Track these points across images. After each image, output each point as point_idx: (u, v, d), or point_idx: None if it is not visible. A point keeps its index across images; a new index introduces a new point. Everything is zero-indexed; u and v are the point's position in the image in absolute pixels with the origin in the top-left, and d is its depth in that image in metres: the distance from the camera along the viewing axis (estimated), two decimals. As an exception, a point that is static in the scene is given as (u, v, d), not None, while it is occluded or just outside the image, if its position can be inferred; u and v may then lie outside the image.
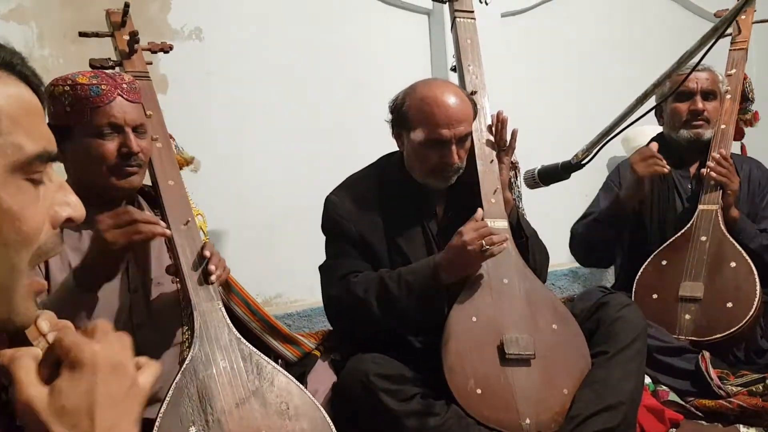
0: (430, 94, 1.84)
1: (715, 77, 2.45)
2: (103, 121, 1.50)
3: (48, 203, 0.67)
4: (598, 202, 2.56)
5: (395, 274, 1.80)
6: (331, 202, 1.94)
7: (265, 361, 1.53)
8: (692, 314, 2.20)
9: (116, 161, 1.52)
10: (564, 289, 3.27)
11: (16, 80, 0.66)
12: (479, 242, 1.71)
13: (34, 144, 0.65)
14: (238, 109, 2.71)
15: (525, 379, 1.69)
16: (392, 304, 1.77)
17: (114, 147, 1.51)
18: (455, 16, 2.04)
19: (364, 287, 1.80)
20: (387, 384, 1.66)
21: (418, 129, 1.84)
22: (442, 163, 1.84)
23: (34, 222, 0.65)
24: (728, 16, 1.63)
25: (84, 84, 1.49)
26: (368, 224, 1.90)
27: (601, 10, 3.60)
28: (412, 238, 1.91)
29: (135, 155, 1.53)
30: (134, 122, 1.54)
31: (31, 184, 0.65)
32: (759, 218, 2.41)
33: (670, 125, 2.49)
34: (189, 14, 2.63)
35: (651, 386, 2.08)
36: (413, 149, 1.88)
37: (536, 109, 3.32)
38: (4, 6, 2.32)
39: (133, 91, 1.56)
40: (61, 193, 0.69)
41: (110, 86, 1.51)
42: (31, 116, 0.66)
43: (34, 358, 0.65)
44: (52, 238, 0.68)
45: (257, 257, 2.66)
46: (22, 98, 0.66)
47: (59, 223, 0.69)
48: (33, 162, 0.65)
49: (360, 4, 3.01)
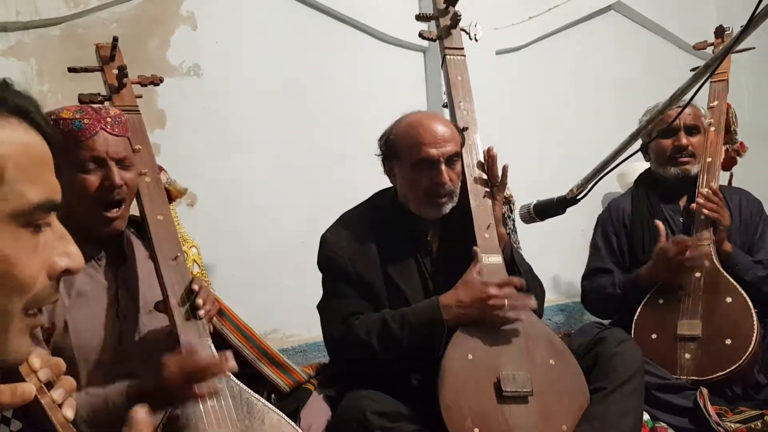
0: (415, 119, 1.91)
1: (698, 112, 2.47)
2: (86, 155, 1.50)
3: (47, 253, 0.67)
4: (601, 255, 2.54)
5: (398, 314, 1.79)
6: (327, 240, 1.94)
7: (255, 398, 1.51)
8: (692, 353, 2.18)
9: (99, 194, 1.51)
10: (560, 325, 3.25)
11: (28, 127, 0.66)
12: (502, 302, 1.73)
13: (38, 193, 0.65)
14: (235, 143, 2.73)
15: (523, 417, 1.67)
16: (393, 344, 1.76)
17: (97, 180, 1.52)
18: (445, 53, 2.07)
19: (366, 329, 1.79)
20: (383, 422, 1.64)
21: (406, 154, 1.87)
22: (434, 185, 1.85)
23: (29, 270, 0.64)
24: (720, 53, 1.66)
25: (67, 119, 1.50)
26: (364, 261, 1.89)
27: (591, 47, 3.66)
28: (407, 273, 1.91)
29: (118, 188, 1.52)
30: (117, 155, 1.53)
31: (31, 231, 0.65)
32: (754, 249, 2.41)
33: (656, 162, 2.51)
34: (187, 51, 2.67)
35: (650, 423, 2.06)
36: (404, 177, 1.90)
37: (530, 145, 3.35)
38: (4, 42, 2.35)
39: (117, 125, 1.56)
40: (61, 243, 0.69)
41: (93, 120, 1.51)
42: (39, 165, 0.66)
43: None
44: (47, 287, 0.67)
45: (253, 291, 2.65)
46: (32, 146, 0.66)
47: (56, 274, 0.68)
48: (34, 211, 0.64)
49: (356, 41, 3.06)
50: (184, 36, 2.67)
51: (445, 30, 2.09)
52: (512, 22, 3.38)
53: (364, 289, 1.88)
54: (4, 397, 0.64)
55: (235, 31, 2.77)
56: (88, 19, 2.50)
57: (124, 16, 2.57)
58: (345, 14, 3.01)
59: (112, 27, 2.52)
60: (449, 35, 2.09)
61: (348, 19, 3.03)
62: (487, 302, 1.72)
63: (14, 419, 0.75)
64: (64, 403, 0.79)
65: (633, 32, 3.82)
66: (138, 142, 1.68)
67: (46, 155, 0.68)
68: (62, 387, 0.80)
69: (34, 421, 0.76)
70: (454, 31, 2.09)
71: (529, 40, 3.47)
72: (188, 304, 1.55)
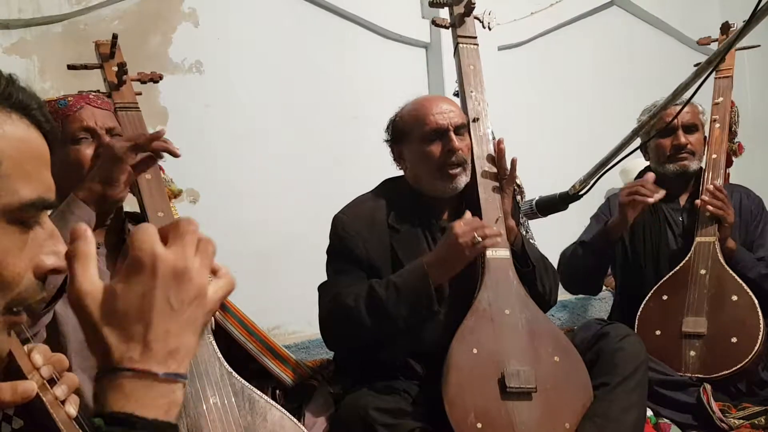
0: (419, 99, 1.96)
1: (696, 109, 2.45)
2: (75, 125, 1.55)
3: (35, 251, 0.66)
4: (589, 229, 2.55)
5: (383, 280, 1.78)
6: (341, 221, 1.92)
7: (258, 395, 1.51)
8: (697, 350, 2.17)
9: (94, 164, 1.53)
10: (564, 321, 3.25)
11: (28, 124, 0.66)
12: (471, 234, 1.70)
13: (31, 190, 0.64)
14: (237, 140, 2.73)
15: (526, 413, 1.67)
16: (381, 309, 1.73)
17: (90, 152, 1.55)
18: (458, 41, 2.05)
19: (353, 296, 1.77)
20: (386, 418, 1.63)
21: (415, 129, 1.89)
22: (446, 153, 1.85)
23: (14, 268, 0.63)
24: (722, 48, 1.66)
25: (51, 100, 1.56)
26: (376, 244, 1.87)
27: (594, 42, 3.66)
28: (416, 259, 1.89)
29: None
30: (106, 125, 1.58)
31: (20, 229, 0.64)
32: (755, 247, 2.40)
33: (655, 160, 2.49)
34: (189, 48, 2.67)
35: (653, 419, 2.06)
36: (415, 154, 1.90)
37: (532, 141, 3.34)
38: (7, 40, 2.35)
39: (101, 101, 1.62)
40: (50, 241, 0.67)
41: (76, 98, 1.58)
42: (35, 162, 0.66)
43: (92, 255, 0.61)
44: (32, 286, 0.66)
45: (255, 288, 2.64)
46: (30, 143, 0.66)
47: (42, 273, 0.67)
48: (26, 208, 0.63)
49: (359, 38, 3.05)
50: (186, 33, 2.67)
51: (459, 18, 2.05)
52: (514, 18, 3.37)
53: (372, 271, 1.85)
54: (4, 395, 0.64)
55: (237, 28, 2.77)
56: (90, 17, 2.50)
57: (126, 13, 2.56)
58: (347, 11, 3.01)
59: (114, 24, 2.53)
60: (463, 23, 2.06)
61: (350, 16, 3.03)
62: (457, 242, 1.70)
63: (16, 417, 0.75)
64: (66, 399, 0.79)
65: (635, 27, 3.81)
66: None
67: (44, 153, 0.67)
68: (65, 384, 0.79)
69: (36, 418, 0.76)
70: (467, 19, 2.06)
71: (531, 36, 3.46)
72: None
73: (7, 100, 0.65)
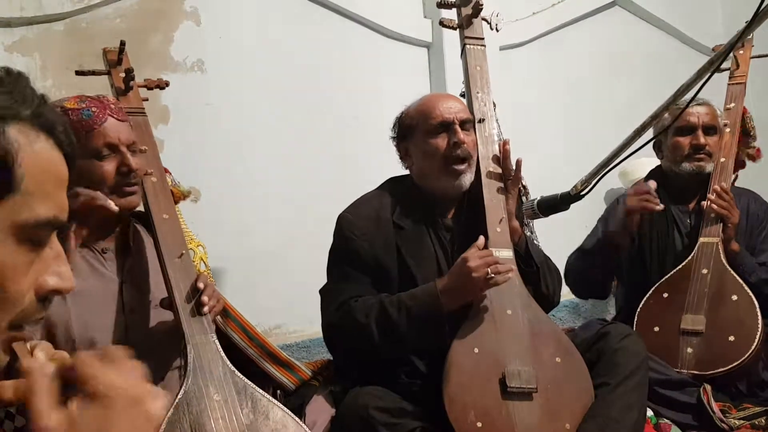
0: (426, 96, 1.99)
1: (715, 111, 2.46)
2: (100, 142, 1.54)
3: (40, 270, 0.66)
4: (595, 233, 2.55)
5: (395, 299, 1.77)
6: (346, 220, 1.91)
7: (260, 393, 1.51)
8: (694, 348, 2.18)
9: (116, 180, 1.56)
10: (564, 321, 3.25)
11: (53, 145, 0.67)
12: (485, 270, 1.70)
13: (47, 210, 0.65)
14: (238, 139, 2.73)
15: (526, 414, 1.67)
16: (392, 329, 1.74)
17: (113, 167, 1.56)
18: (465, 42, 2.05)
19: (365, 312, 1.76)
20: (386, 417, 1.64)
21: (420, 124, 1.90)
22: (452, 146, 1.85)
23: (19, 286, 0.64)
24: (724, 49, 1.65)
25: (74, 108, 1.54)
26: (382, 243, 1.86)
27: (595, 43, 3.66)
28: (422, 262, 1.88)
29: (134, 172, 1.58)
30: (128, 141, 1.59)
31: (30, 247, 0.65)
32: (758, 251, 2.40)
33: (671, 159, 2.48)
34: (191, 47, 2.67)
35: (653, 419, 2.06)
36: (420, 149, 1.90)
37: (533, 141, 3.34)
38: (8, 38, 2.36)
39: (120, 111, 1.61)
40: (55, 262, 0.68)
41: (99, 108, 1.56)
42: (55, 182, 0.67)
43: (48, 382, 0.62)
44: (33, 305, 0.66)
45: (257, 287, 2.65)
46: (53, 164, 0.67)
47: (43, 292, 0.67)
48: (41, 226, 0.64)
49: (360, 37, 3.05)
50: (188, 31, 2.67)
51: (467, 19, 2.07)
52: (516, 18, 3.37)
53: (378, 273, 1.85)
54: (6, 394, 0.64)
55: (239, 27, 2.77)
56: (91, 15, 2.50)
57: (128, 12, 2.57)
58: (349, 9, 3.01)
59: (115, 22, 2.53)
60: (470, 24, 2.07)
61: (352, 15, 3.03)
62: (471, 276, 1.70)
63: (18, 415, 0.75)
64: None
65: (637, 27, 3.81)
66: (144, 143, 1.71)
67: (63, 175, 0.68)
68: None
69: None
70: (475, 20, 2.07)
71: (533, 36, 3.46)
72: (193, 301, 1.56)
73: (38, 118, 0.66)
